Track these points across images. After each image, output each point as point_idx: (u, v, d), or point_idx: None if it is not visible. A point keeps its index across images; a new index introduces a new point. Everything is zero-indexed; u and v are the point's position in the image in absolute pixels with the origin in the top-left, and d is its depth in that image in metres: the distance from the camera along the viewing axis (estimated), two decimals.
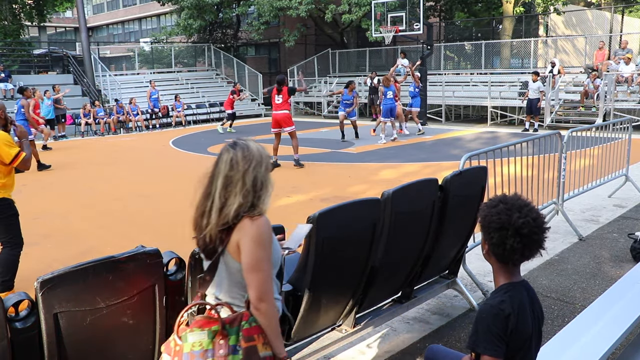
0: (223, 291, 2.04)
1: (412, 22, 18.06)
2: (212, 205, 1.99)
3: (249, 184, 1.97)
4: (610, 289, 3.23)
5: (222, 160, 2.03)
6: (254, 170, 1.99)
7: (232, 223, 1.96)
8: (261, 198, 2.01)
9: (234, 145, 2.04)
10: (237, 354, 1.89)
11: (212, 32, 28.17)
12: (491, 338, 1.91)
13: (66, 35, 55.14)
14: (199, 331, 1.91)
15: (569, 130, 6.20)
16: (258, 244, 1.94)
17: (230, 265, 1.99)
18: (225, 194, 1.98)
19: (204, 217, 2.01)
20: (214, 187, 2.01)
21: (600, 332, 2.66)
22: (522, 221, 1.91)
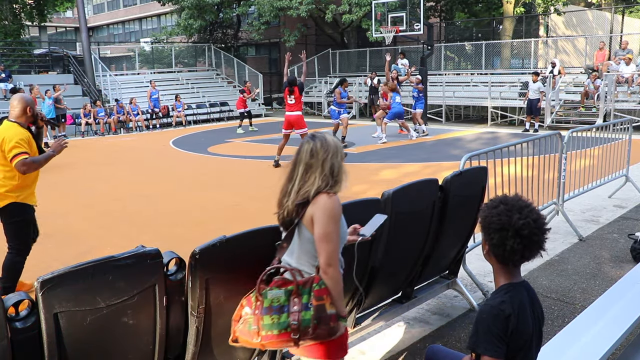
0: (294, 258, 2.35)
1: (413, 22, 18.06)
2: (292, 187, 2.33)
3: (327, 170, 2.30)
4: (611, 289, 3.23)
5: (303, 150, 2.35)
6: (331, 158, 2.32)
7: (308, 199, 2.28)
8: (337, 182, 2.33)
9: (313, 138, 2.37)
10: (308, 310, 2.19)
11: (213, 32, 28.17)
12: (491, 338, 1.91)
13: (66, 35, 55.15)
14: (277, 290, 2.23)
15: (569, 130, 6.21)
16: (330, 217, 2.24)
17: (303, 235, 2.30)
18: (305, 177, 2.31)
19: (286, 196, 2.36)
20: (296, 172, 2.34)
21: (601, 333, 2.66)
22: (522, 222, 1.91)
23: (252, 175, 10.50)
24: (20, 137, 4.29)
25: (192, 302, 2.44)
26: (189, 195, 8.86)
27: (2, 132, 4.29)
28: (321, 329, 2.20)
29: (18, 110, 4.36)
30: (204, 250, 2.38)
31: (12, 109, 4.39)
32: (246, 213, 7.47)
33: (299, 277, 2.26)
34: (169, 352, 2.55)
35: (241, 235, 2.54)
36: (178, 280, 2.48)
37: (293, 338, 2.18)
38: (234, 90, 25.60)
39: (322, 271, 2.24)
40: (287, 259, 2.37)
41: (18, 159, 4.21)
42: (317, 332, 2.19)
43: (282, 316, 2.19)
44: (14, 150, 4.22)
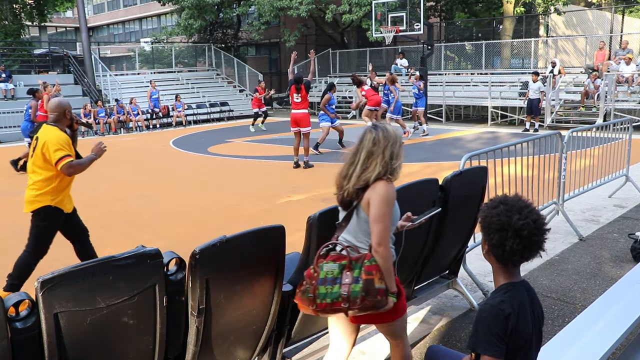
0: (351, 236, 2.59)
1: (413, 22, 18.06)
2: (353, 171, 2.56)
3: (387, 157, 2.53)
4: (611, 289, 3.23)
5: (365, 138, 2.58)
6: (391, 146, 2.55)
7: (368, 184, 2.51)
8: (395, 168, 2.56)
9: (375, 127, 2.59)
10: (358, 283, 2.41)
11: (213, 32, 28.16)
12: (491, 338, 1.91)
13: (67, 35, 55.14)
14: (332, 263, 2.50)
15: (569, 130, 6.20)
16: (384, 202, 2.48)
17: (360, 216, 2.56)
18: (366, 163, 2.54)
19: (346, 179, 2.59)
20: (358, 158, 2.57)
21: (601, 332, 2.66)
22: (522, 223, 1.91)
23: (252, 175, 10.50)
24: (63, 140, 4.35)
25: (192, 302, 2.44)
26: (189, 195, 8.86)
27: (44, 136, 4.33)
28: (368, 301, 2.39)
29: (57, 114, 4.42)
30: (204, 250, 2.38)
31: (50, 112, 4.46)
32: (246, 213, 7.48)
33: (354, 254, 2.51)
34: (169, 352, 2.55)
35: (241, 236, 2.54)
36: (178, 280, 2.48)
37: (343, 307, 2.42)
38: (234, 90, 25.61)
39: (374, 250, 2.48)
40: (345, 236, 2.61)
41: (64, 162, 4.27)
42: (364, 303, 2.40)
43: (335, 287, 2.44)
44: (58, 153, 4.27)
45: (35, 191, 4.39)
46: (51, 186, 4.40)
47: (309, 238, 2.85)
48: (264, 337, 2.84)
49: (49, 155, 4.28)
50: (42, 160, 4.32)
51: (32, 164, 4.41)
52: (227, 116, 22.60)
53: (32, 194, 4.41)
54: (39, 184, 4.38)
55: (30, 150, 4.54)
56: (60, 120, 4.44)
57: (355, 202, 2.55)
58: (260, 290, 2.68)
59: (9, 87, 19.93)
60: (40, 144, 4.32)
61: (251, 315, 2.70)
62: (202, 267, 2.39)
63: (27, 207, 4.47)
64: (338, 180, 2.64)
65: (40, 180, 4.38)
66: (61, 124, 4.46)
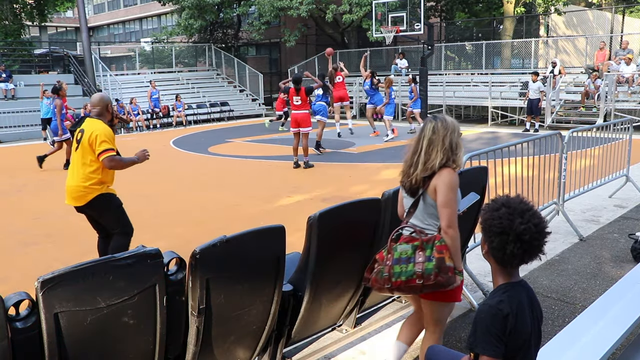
0: (418, 220, 2.83)
1: (413, 22, 18.04)
2: (418, 159, 2.79)
3: (447, 145, 2.74)
4: (611, 289, 3.23)
5: (427, 128, 2.80)
6: (450, 135, 2.77)
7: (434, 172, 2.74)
8: (456, 155, 2.78)
9: (435, 118, 2.83)
10: (431, 261, 2.64)
11: (213, 32, 28.16)
12: (490, 338, 1.91)
13: (67, 35, 55.16)
14: (405, 245, 2.74)
15: (569, 130, 6.20)
16: (450, 188, 2.71)
17: (427, 202, 2.80)
18: (429, 151, 2.76)
19: (412, 167, 2.82)
20: (420, 147, 2.80)
21: (601, 333, 2.66)
22: (523, 227, 1.91)
23: (252, 175, 10.50)
24: (110, 134, 4.47)
25: (193, 302, 2.44)
26: (189, 195, 8.86)
27: (91, 128, 4.41)
28: (441, 277, 2.57)
29: (100, 108, 4.53)
30: (204, 250, 2.38)
31: (93, 107, 4.56)
32: (246, 213, 7.47)
33: (424, 236, 2.74)
34: (170, 352, 2.55)
35: (241, 236, 2.54)
36: (178, 280, 2.48)
37: (418, 283, 2.62)
38: (234, 90, 25.60)
39: (443, 231, 2.70)
40: (414, 221, 2.85)
41: (107, 154, 4.37)
42: (437, 279, 2.60)
43: (409, 265, 2.67)
44: (103, 145, 4.36)
45: (83, 184, 4.44)
46: (99, 177, 4.47)
47: (309, 238, 2.85)
48: (264, 337, 2.84)
49: (94, 145, 4.37)
50: (90, 151, 4.40)
51: (81, 157, 4.44)
52: (228, 116, 22.61)
53: (83, 185, 4.44)
54: (86, 176, 4.44)
55: (74, 143, 4.56)
56: (102, 115, 4.54)
57: (422, 189, 2.79)
58: (260, 290, 2.68)
59: (9, 87, 19.93)
60: (87, 136, 4.38)
61: (251, 315, 2.70)
62: (202, 267, 2.39)
63: (79, 201, 4.49)
64: (405, 168, 2.88)
65: (91, 172, 4.44)
66: (104, 118, 4.55)
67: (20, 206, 8.40)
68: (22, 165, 12.54)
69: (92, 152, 4.39)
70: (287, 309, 2.90)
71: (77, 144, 4.48)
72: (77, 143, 4.48)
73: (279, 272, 2.74)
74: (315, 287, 2.90)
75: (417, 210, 2.83)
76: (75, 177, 4.47)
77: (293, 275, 2.97)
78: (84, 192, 4.46)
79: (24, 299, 2.12)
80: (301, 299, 2.90)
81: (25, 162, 13.06)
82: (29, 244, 6.42)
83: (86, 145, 4.39)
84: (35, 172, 11.25)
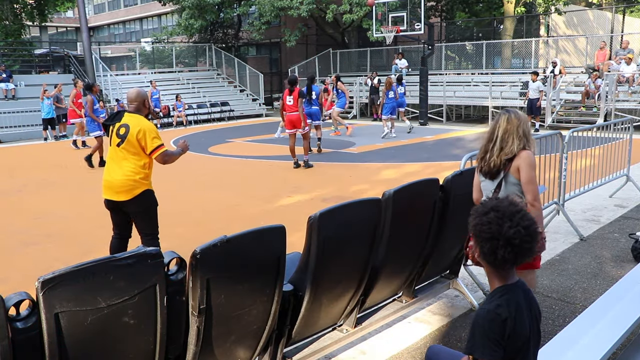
0: None
1: (413, 22, 18.06)
2: (494, 146, 3.23)
3: (521, 133, 3.20)
4: (611, 289, 3.23)
5: (501, 120, 3.24)
6: (523, 125, 3.22)
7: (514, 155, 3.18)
8: (529, 141, 3.23)
9: (507, 111, 3.27)
10: None
11: (213, 32, 28.16)
12: (488, 343, 1.91)
13: (67, 35, 55.17)
14: None
15: (570, 130, 6.20)
16: (531, 166, 3.18)
17: (509, 181, 3.24)
18: (504, 139, 3.20)
19: (488, 153, 3.26)
20: (495, 136, 3.23)
21: (601, 333, 2.66)
22: (513, 231, 1.89)
23: (252, 176, 10.51)
24: (156, 129, 4.51)
25: (193, 302, 2.44)
26: (190, 195, 8.86)
27: (137, 123, 4.41)
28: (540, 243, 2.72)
29: (137, 103, 4.55)
30: (204, 250, 2.38)
31: (130, 102, 4.56)
32: (247, 213, 7.48)
33: None
34: (170, 352, 2.55)
35: (242, 236, 2.54)
36: (179, 280, 2.48)
37: None
38: (235, 90, 25.60)
39: (530, 204, 3.12)
40: None
41: (161, 151, 4.44)
42: None
43: None
44: (155, 141, 4.42)
45: (131, 178, 4.43)
46: (145, 171, 4.51)
47: (309, 238, 2.85)
48: (264, 337, 2.84)
49: (144, 142, 4.38)
50: (137, 147, 4.39)
51: (125, 151, 4.42)
52: (228, 116, 22.60)
53: (132, 179, 4.43)
54: (135, 170, 4.44)
55: (112, 137, 4.50)
56: (140, 110, 4.56)
57: (503, 171, 3.22)
58: (261, 290, 2.68)
59: (10, 87, 19.94)
60: (134, 132, 4.36)
61: (252, 315, 2.70)
62: (202, 267, 2.39)
63: (125, 195, 4.45)
64: (481, 154, 3.33)
65: (136, 167, 4.44)
66: (141, 112, 4.57)
67: (20, 206, 8.40)
68: (23, 165, 12.55)
69: (140, 147, 4.40)
70: (287, 309, 2.89)
71: (119, 139, 4.42)
72: (118, 137, 4.43)
73: (280, 272, 2.74)
74: (316, 287, 2.90)
75: (501, 189, 3.26)
76: (121, 171, 4.42)
77: (293, 275, 2.97)
78: (132, 186, 4.43)
79: (24, 299, 2.12)
80: (302, 298, 2.90)
81: (25, 162, 13.07)
82: (29, 244, 6.42)
83: (133, 140, 4.37)
84: (35, 172, 11.25)
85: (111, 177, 4.46)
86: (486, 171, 3.28)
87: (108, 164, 4.57)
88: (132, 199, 4.45)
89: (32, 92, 19.90)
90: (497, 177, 3.24)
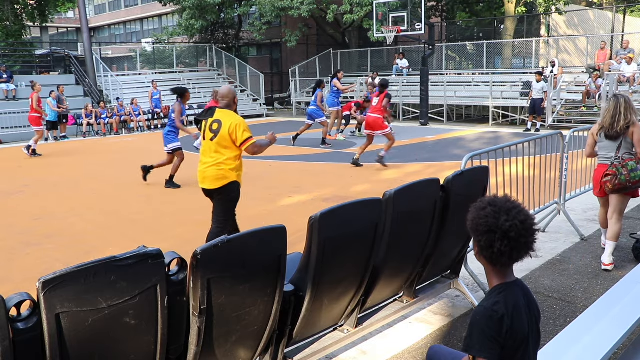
0: (621, 153, 4.96)
1: (414, 22, 18.05)
2: (619, 117, 4.86)
3: (633, 110, 4.90)
4: (612, 288, 3.23)
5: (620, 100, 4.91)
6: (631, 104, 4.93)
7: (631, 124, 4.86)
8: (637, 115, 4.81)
9: (621, 95, 4.96)
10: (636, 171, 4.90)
11: (214, 32, 28.17)
12: (485, 340, 1.91)
13: (68, 36, 55.21)
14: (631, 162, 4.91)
15: (571, 130, 6.20)
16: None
17: (627, 141, 4.92)
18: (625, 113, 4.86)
19: (615, 123, 4.89)
20: (618, 111, 4.88)
21: (602, 332, 2.66)
22: (509, 224, 1.92)
23: (253, 176, 10.50)
24: (245, 123, 4.86)
25: (194, 303, 2.44)
26: (191, 195, 8.86)
27: (229, 118, 4.77)
28: None
29: (228, 100, 4.91)
30: (205, 251, 2.38)
31: (222, 98, 4.92)
32: (247, 213, 7.47)
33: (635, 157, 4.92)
34: (171, 352, 2.55)
35: (243, 236, 2.54)
36: (180, 280, 2.48)
37: None
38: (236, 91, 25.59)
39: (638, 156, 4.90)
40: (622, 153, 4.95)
41: (251, 142, 4.80)
42: None
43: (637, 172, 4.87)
44: (245, 134, 4.77)
45: (223, 168, 4.81)
46: (236, 164, 4.87)
47: (310, 238, 2.85)
48: (265, 338, 2.84)
49: (235, 136, 4.73)
50: (229, 140, 4.75)
51: (217, 145, 4.77)
52: None
53: (220, 171, 4.81)
54: (227, 162, 4.81)
55: (206, 132, 4.85)
56: (230, 106, 4.91)
57: (623, 136, 4.88)
58: (261, 290, 2.68)
59: (11, 88, 19.95)
60: (226, 127, 4.72)
61: (253, 316, 2.70)
62: (203, 268, 2.39)
63: (215, 184, 4.85)
64: (608, 124, 4.92)
65: (227, 159, 4.81)
66: (231, 108, 4.91)
67: (21, 207, 8.40)
68: (24, 166, 12.55)
69: (231, 140, 4.75)
70: (288, 309, 2.89)
71: (212, 133, 4.78)
72: (212, 132, 4.78)
73: (281, 272, 2.74)
74: (317, 287, 2.90)
75: (622, 147, 4.92)
76: (214, 163, 4.81)
77: (294, 275, 2.97)
78: (223, 176, 4.82)
79: (25, 299, 2.12)
80: (302, 299, 2.90)
81: (26, 163, 13.07)
82: (30, 244, 6.42)
83: (226, 134, 4.72)
84: (36, 173, 11.26)
85: (205, 168, 4.88)
86: (612, 135, 4.89)
87: (202, 157, 4.93)
88: (220, 187, 4.86)
89: None
90: (618, 139, 4.89)
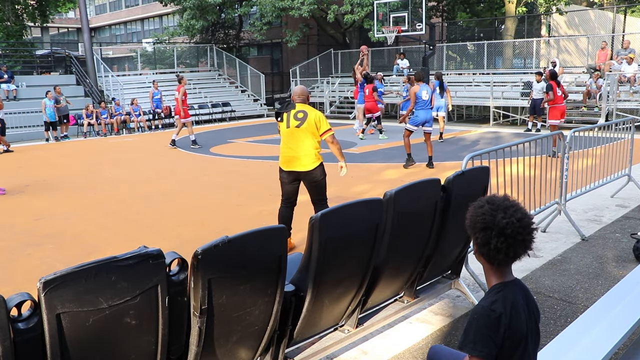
0: None
1: (415, 22, 18.05)
2: None
3: None
4: (613, 289, 3.22)
5: None
6: None
7: None
8: None
9: None
10: None
11: (215, 32, 28.18)
12: (480, 339, 1.91)
13: (69, 36, 55.22)
14: None
15: (571, 130, 6.19)
16: None
17: None
18: None
19: None
20: None
21: (603, 333, 2.66)
22: (505, 222, 1.93)
23: (254, 176, 10.51)
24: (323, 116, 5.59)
25: (195, 303, 2.44)
26: (191, 195, 8.87)
27: (312, 111, 5.54)
28: None
29: (304, 97, 5.62)
30: (206, 251, 2.38)
31: (298, 96, 5.60)
32: (248, 213, 7.48)
33: None
34: (172, 352, 2.55)
35: (243, 236, 2.54)
36: (180, 280, 2.48)
37: None
38: (236, 91, 25.62)
39: None
40: None
41: (331, 132, 5.58)
42: None
43: None
44: (326, 125, 5.56)
45: (314, 152, 5.51)
46: (319, 148, 5.61)
47: (310, 238, 2.85)
48: (266, 338, 2.84)
49: (319, 125, 5.49)
50: (314, 128, 5.47)
51: (305, 131, 5.46)
52: (229, 116, 22.62)
53: (313, 154, 5.51)
54: (315, 145, 5.52)
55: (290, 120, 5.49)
56: (305, 102, 5.63)
57: None
58: (262, 290, 2.68)
59: (11, 88, 19.97)
60: (311, 116, 5.46)
61: (253, 316, 2.70)
62: (204, 268, 2.39)
63: (311, 165, 5.53)
64: None
65: (315, 144, 5.53)
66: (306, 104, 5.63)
67: (22, 207, 8.41)
68: (24, 166, 12.56)
69: (316, 128, 5.47)
70: (289, 309, 2.90)
71: (297, 121, 5.46)
72: (297, 120, 5.46)
73: (281, 272, 2.74)
74: (317, 287, 2.90)
75: None
76: (304, 147, 5.48)
77: (295, 275, 2.97)
78: (315, 159, 5.52)
79: (26, 299, 2.12)
80: (303, 299, 2.90)
81: (26, 163, 13.08)
82: (31, 244, 6.43)
83: (312, 122, 5.45)
84: (37, 173, 11.27)
85: (295, 152, 5.50)
86: None
87: (288, 143, 5.54)
88: (315, 169, 5.54)
89: (33, 93, 19.93)
90: None
